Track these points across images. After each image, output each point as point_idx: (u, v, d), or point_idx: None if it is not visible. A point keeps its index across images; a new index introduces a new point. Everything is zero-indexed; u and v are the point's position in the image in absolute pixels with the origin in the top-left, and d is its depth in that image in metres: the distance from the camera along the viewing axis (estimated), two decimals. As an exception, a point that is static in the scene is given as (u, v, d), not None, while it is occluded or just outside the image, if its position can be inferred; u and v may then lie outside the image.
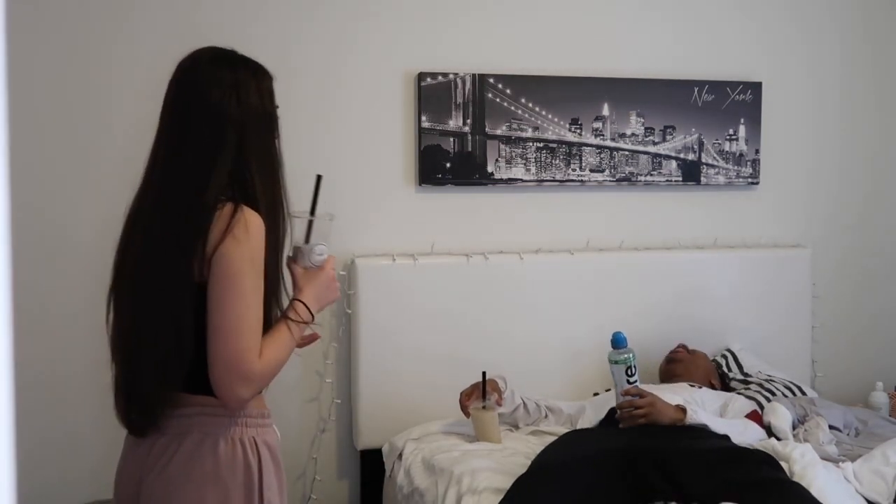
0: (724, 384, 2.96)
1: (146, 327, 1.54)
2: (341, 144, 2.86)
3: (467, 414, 2.55)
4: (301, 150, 2.83)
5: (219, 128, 1.53)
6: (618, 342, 2.42)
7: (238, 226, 1.48)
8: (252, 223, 1.50)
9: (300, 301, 1.60)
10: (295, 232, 1.68)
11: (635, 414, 2.30)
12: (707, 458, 2.04)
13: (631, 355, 2.39)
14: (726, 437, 2.30)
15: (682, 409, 2.34)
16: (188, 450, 1.53)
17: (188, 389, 1.54)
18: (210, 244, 1.48)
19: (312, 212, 1.68)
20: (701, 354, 2.94)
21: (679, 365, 2.86)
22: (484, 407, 2.52)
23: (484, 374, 2.53)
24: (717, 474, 1.98)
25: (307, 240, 1.67)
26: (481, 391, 2.52)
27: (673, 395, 2.56)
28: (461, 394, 2.56)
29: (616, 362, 2.39)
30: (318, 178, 1.71)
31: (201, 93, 1.54)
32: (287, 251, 1.67)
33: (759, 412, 2.65)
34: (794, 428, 2.55)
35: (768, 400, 2.75)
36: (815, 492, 1.99)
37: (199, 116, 1.54)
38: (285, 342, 1.56)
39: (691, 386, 2.71)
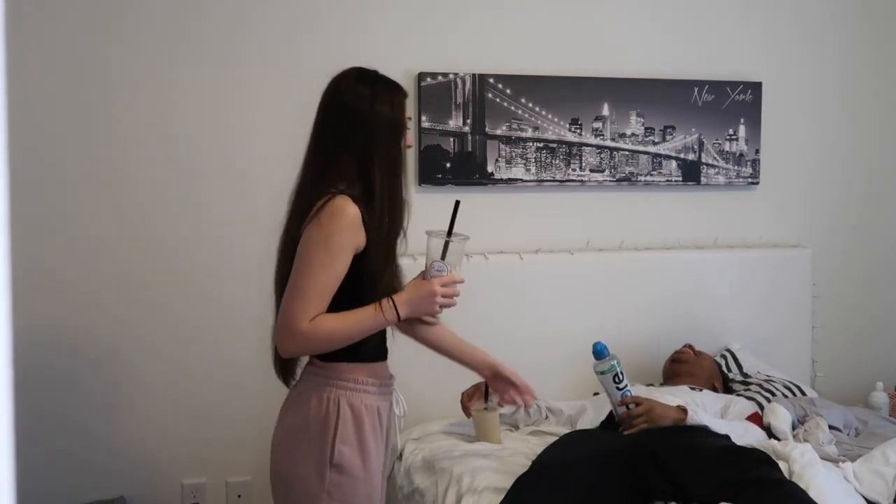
0: (726, 386, 2.96)
1: (277, 295, 1.84)
2: (341, 144, 2.86)
3: (469, 415, 2.55)
4: (302, 150, 2.82)
5: (349, 130, 1.79)
6: (599, 353, 2.38)
7: (324, 211, 1.73)
8: (340, 210, 1.72)
9: (391, 298, 1.79)
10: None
11: (635, 423, 2.30)
12: (705, 458, 2.03)
13: (615, 362, 2.36)
14: (726, 437, 2.30)
15: (683, 410, 2.34)
16: (292, 400, 1.86)
17: None
18: (303, 225, 1.76)
19: (449, 234, 1.86)
20: (706, 356, 2.94)
21: (683, 365, 2.85)
22: (486, 408, 2.52)
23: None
24: (715, 474, 1.98)
25: (442, 257, 1.85)
26: (483, 392, 2.52)
27: (673, 397, 2.56)
28: (462, 394, 2.56)
29: (602, 373, 2.36)
30: (457, 203, 1.90)
31: (341, 101, 1.82)
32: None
33: (760, 413, 2.65)
34: (794, 428, 2.55)
35: (768, 400, 2.75)
36: (814, 492, 1.99)
37: (336, 120, 1.81)
38: (353, 321, 1.75)
39: (692, 388, 2.71)
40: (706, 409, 2.57)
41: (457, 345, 2.13)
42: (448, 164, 2.90)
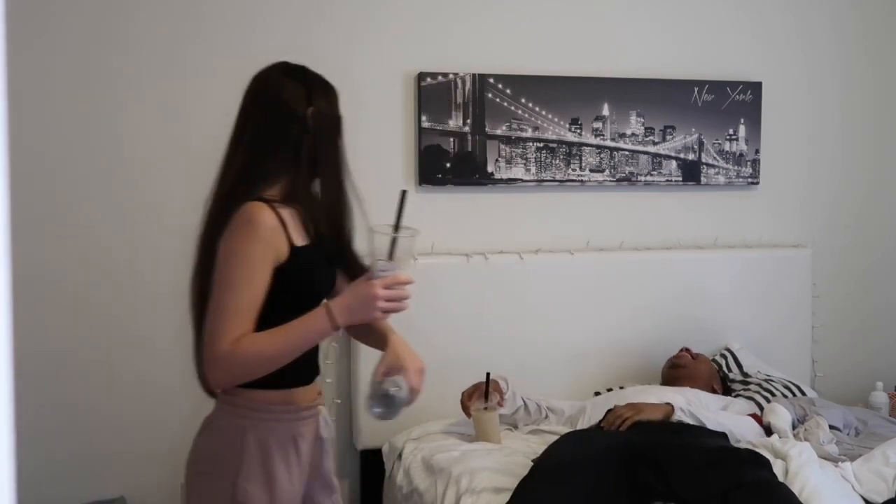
0: (725, 387, 2.96)
1: (194, 312, 1.67)
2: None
3: (469, 414, 2.55)
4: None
5: (284, 129, 1.63)
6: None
7: (238, 220, 1.56)
8: (254, 219, 1.55)
9: (326, 305, 1.57)
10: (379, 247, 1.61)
11: (624, 421, 2.32)
12: (696, 460, 2.03)
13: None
14: (723, 436, 2.30)
15: (671, 406, 2.37)
16: (204, 425, 1.70)
17: None
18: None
19: (396, 228, 1.60)
20: (704, 359, 2.93)
21: (682, 370, 2.84)
22: (486, 408, 2.52)
23: (488, 374, 2.52)
24: (705, 477, 1.97)
25: (390, 255, 1.59)
26: (484, 392, 2.52)
27: (675, 395, 2.57)
28: (462, 394, 2.56)
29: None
30: (403, 193, 1.64)
31: (273, 99, 1.65)
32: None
33: (759, 413, 2.65)
34: (793, 428, 2.55)
35: (768, 400, 2.75)
36: (809, 491, 1.99)
37: (268, 120, 1.64)
38: (282, 337, 1.55)
39: (693, 389, 2.72)
40: (709, 408, 2.58)
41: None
42: (448, 164, 2.90)
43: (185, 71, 2.72)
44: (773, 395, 2.81)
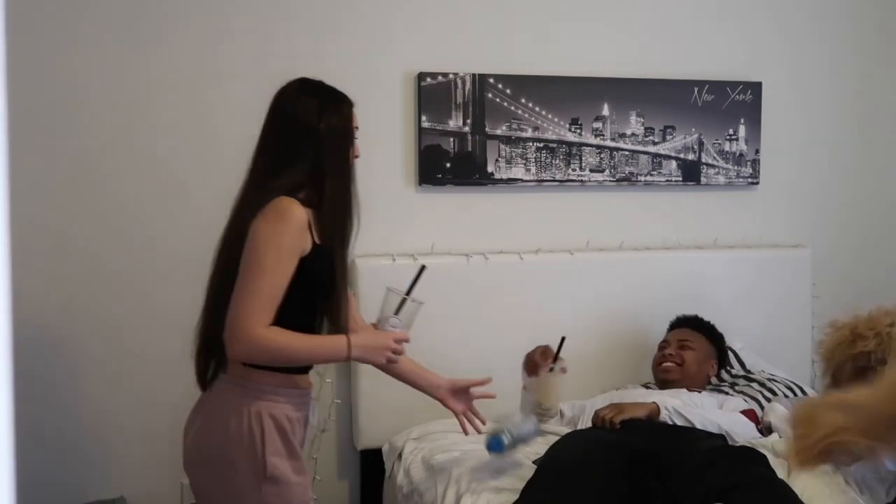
0: (726, 372, 2.95)
1: (214, 299, 1.81)
2: (341, 144, 2.86)
3: (535, 373, 2.47)
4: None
5: (299, 142, 1.79)
6: (494, 447, 2.27)
7: (270, 209, 1.71)
8: (287, 210, 1.71)
9: (348, 338, 1.78)
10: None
11: (611, 421, 2.32)
12: (696, 462, 2.02)
13: (505, 436, 2.25)
14: (721, 438, 2.30)
15: (655, 403, 2.38)
16: (207, 413, 1.81)
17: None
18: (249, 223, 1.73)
19: (408, 293, 1.94)
20: (689, 358, 2.84)
21: (675, 382, 2.80)
22: (551, 369, 2.47)
23: (563, 339, 2.48)
24: (705, 478, 1.97)
25: (396, 312, 1.92)
26: (554, 355, 2.47)
27: (671, 398, 2.56)
28: (533, 352, 2.50)
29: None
30: (422, 267, 2.01)
31: (288, 115, 1.82)
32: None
33: (755, 411, 2.65)
34: (794, 428, 2.56)
35: (769, 400, 2.75)
36: (811, 491, 1.99)
37: (284, 134, 1.81)
38: (309, 345, 1.76)
39: (690, 391, 2.71)
40: (704, 408, 2.57)
41: (414, 370, 2.16)
42: (448, 164, 2.90)
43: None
44: (774, 394, 2.82)
